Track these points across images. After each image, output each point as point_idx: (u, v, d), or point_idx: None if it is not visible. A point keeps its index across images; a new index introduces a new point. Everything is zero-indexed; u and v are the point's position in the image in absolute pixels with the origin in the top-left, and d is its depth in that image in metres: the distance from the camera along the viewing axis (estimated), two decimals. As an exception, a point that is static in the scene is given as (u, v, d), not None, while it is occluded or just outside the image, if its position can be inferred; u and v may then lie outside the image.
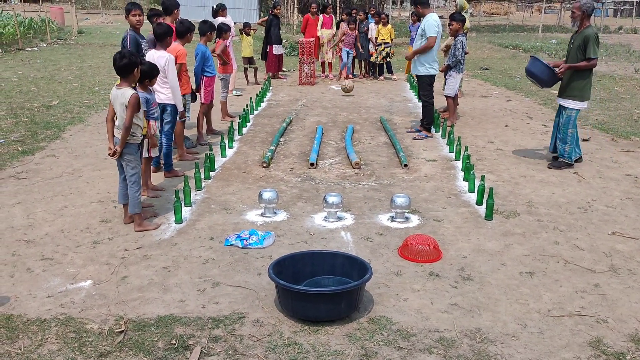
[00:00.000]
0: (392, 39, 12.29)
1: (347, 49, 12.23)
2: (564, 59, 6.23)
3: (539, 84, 6.22)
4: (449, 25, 8.21)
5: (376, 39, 12.16)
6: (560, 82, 6.11)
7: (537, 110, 9.38)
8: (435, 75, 7.36)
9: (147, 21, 6.52)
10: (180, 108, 5.65)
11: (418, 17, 9.01)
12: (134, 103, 4.21)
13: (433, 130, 7.63)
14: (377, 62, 12.51)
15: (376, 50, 12.28)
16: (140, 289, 3.56)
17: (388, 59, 12.43)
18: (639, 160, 6.50)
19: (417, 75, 7.52)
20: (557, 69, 5.96)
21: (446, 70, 8.12)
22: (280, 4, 14.21)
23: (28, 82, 11.24)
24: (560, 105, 6.20)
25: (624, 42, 22.41)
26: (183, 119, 5.94)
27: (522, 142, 7.30)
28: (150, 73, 4.76)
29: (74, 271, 3.78)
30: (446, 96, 8.15)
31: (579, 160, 6.26)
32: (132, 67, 4.27)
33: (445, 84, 8.40)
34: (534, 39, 23.50)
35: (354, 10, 13.10)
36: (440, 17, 8.72)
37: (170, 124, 5.68)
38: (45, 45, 18.38)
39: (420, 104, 7.80)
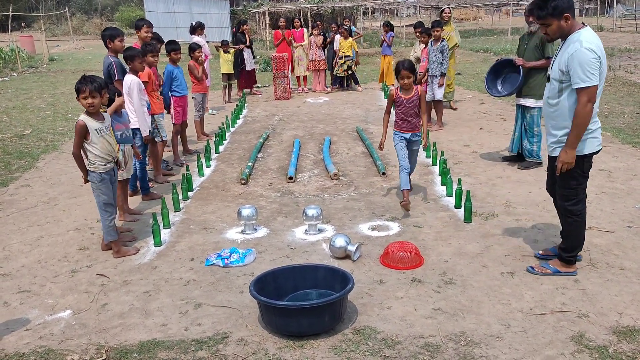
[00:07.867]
0: (356, 52, 12.36)
1: None
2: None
3: (502, 92, 6.39)
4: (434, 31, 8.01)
5: (338, 50, 12.21)
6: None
7: (510, 112, 9.48)
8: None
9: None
10: (145, 133, 5.53)
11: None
12: (76, 130, 4.12)
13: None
14: (338, 75, 12.48)
15: (336, 63, 12.31)
16: (121, 316, 3.50)
17: (349, 72, 12.42)
18: (610, 155, 6.62)
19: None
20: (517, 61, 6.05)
21: (431, 77, 8.04)
22: (248, 23, 14.17)
23: (-1, 113, 11.08)
24: (520, 106, 6.29)
25: (590, 40, 22.85)
26: (163, 140, 5.92)
27: (497, 143, 7.39)
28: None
29: (53, 302, 3.71)
30: (438, 101, 8.14)
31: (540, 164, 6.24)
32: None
33: (430, 89, 8.09)
34: (503, 41, 23.86)
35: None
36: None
37: (141, 148, 5.61)
38: (16, 74, 18.15)
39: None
